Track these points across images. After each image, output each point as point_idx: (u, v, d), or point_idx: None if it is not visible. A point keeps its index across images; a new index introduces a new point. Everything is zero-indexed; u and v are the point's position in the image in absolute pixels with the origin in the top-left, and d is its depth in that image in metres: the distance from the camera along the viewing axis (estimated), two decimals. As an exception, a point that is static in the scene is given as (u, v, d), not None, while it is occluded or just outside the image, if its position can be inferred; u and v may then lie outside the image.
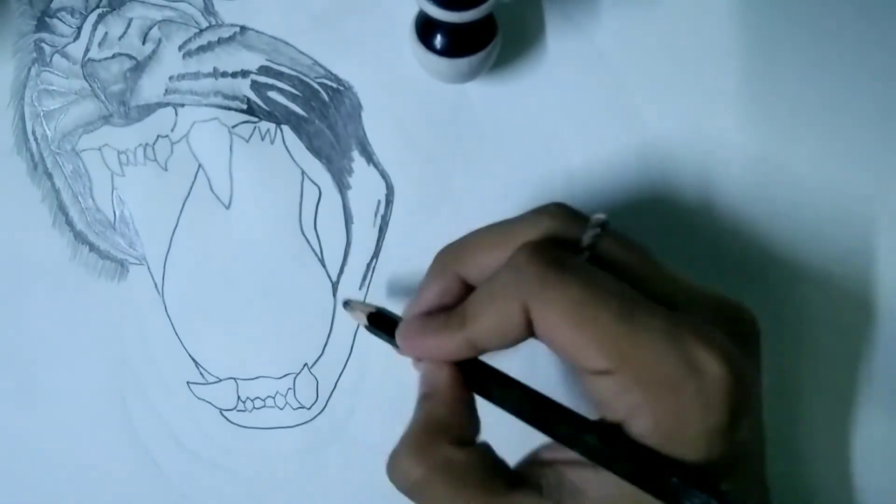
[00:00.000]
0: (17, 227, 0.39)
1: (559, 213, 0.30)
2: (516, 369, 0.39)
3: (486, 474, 0.29)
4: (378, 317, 0.34)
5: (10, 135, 0.39)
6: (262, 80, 0.38)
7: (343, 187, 0.38)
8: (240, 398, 0.39)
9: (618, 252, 0.29)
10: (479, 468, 0.29)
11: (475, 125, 0.38)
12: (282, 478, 0.39)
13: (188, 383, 0.39)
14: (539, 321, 0.27)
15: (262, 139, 0.38)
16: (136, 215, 0.39)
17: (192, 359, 0.39)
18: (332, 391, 0.39)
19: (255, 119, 0.38)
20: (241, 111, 0.38)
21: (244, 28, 0.38)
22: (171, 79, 0.38)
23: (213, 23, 0.38)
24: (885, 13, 0.37)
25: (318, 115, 0.38)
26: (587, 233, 0.29)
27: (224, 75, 0.38)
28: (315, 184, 0.38)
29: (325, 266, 0.38)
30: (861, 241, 0.38)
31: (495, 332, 0.29)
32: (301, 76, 0.38)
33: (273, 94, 0.38)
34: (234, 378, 0.39)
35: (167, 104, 0.38)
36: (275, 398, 0.39)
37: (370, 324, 0.34)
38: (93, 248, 0.39)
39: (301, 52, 0.38)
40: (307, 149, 0.38)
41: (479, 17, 0.32)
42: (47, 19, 0.38)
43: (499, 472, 0.30)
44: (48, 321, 0.39)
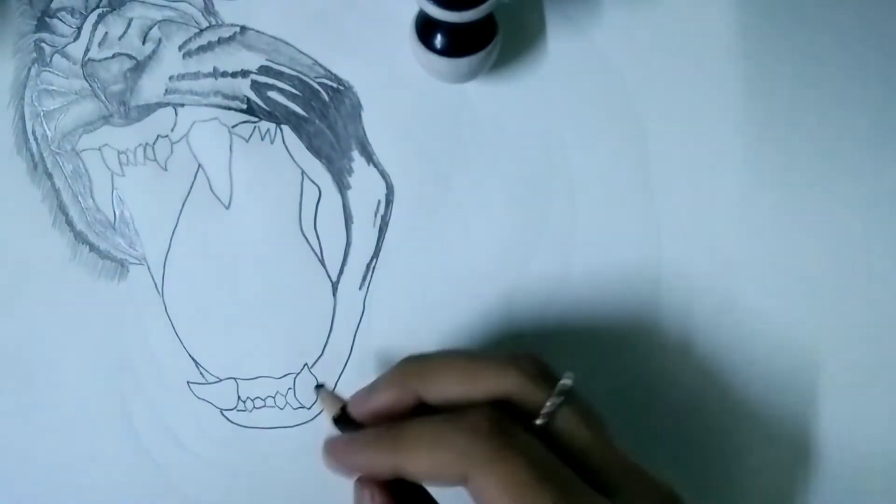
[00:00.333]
0: (17, 227, 0.39)
1: (528, 371, 0.30)
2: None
3: None
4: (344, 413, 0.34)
5: (10, 135, 0.39)
6: (262, 79, 0.38)
7: (343, 187, 0.38)
8: (240, 398, 0.39)
9: (574, 426, 0.30)
10: None
11: (475, 125, 0.38)
12: (282, 477, 0.39)
13: (188, 383, 0.39)
14: (476, 491, 0.28)
15: (262, 139, 0.38)
16: (136, 215, 0.39)
17: (192, 359, 0.39)
18: (333, 391, 0.39)
19: (255, 119, 0.38)
20: (241, 111, 0.38)
21: (244, 28, 0.38)
22: (171, 79, 0.38)
23: (213, 23, 0.38)
24: (884, 13, 0.37)
25: (318, 115, 0.38)
26: (550, 401, 0.29)
27: (224, 75, 0.38)
28: (315, 184, 0.38)
29: (325, 266, 0.38)
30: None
31: (426, 474, 0.29)
32: (301, 76, 0.38)
33: (273, 94, 0.38)
34: (235, 378, 0.39)
35: (167, 104, 0.38)
36: (275, 398, 0.39)
37: (337, 420, 0.34)
38: (93, 248, 0.39)
39: (301, 52, 0.38)
40: (307, 149, 0.38)
41: (479, 17, 0.32)
42: (47, 19, 0.38)
43: None
44: (48, 321, 0.39)
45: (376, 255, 0.38)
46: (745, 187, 0.38)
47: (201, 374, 0.39)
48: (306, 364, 0.39)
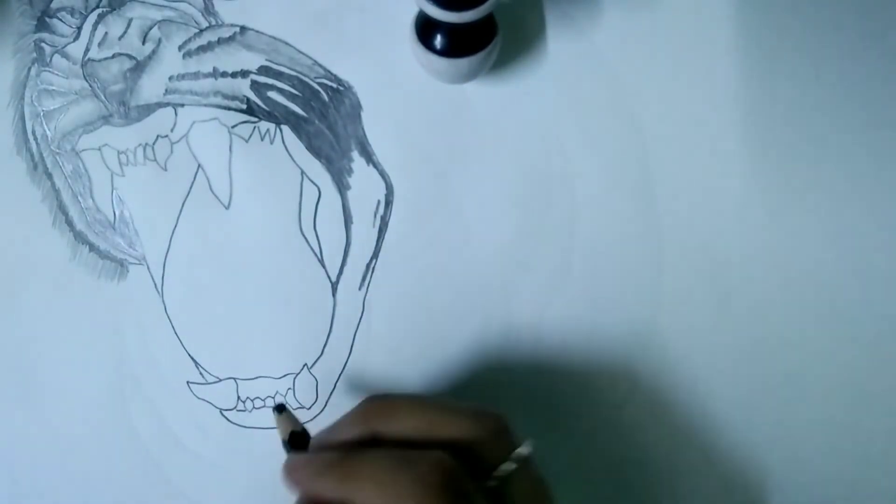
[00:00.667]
0: (17, 227, 0.39)
1: (489, 430, 0.31)
2: (523, 368, 0.39)
3: None
4: (299, 436, 0.35)
5: (10, 135, 0.39)
6: (262, 80, 0.38)
7: (343, 187, 0.38)
8: (240, 398, 0.39)
9: (524, 494, 0.31)
10: None
11: (475, 125, 0.38)
12: (284, 485, 0.39)
13: (188, 383, 0.39)
14: None
15: (262, 139, 0.38)
16: (135, 215, 0.39)
17: (192, 359, 0.39)
18: (332, 391, 0.39)
19: (255, 119, 0.38)
20: (241, 111, 0.38)
21: (244, 28, 0.38)
22: (170, 79, 0.38)
23: (213, 23, 0.38)
24: (884, 13, 0.37)
25: (317, 115, 0.38)
26: (504, 465, 0.31)
27: (224, 75, 0.38)
28: (315, 184, 0.38)
29: (324, 266, 0.38)
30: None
31: None
32: (301, 76, 0.38)
33: (273, 94, 0.38)
34: (234, 378, 0.39)
35: (167, 104, 0.38)
36: (274, 398, 0.39)
37: (289, 441, 0.35)
38: (93, 248, 0.39)
39: (301, 52, 0.38)
40: (307, 149, 0.38)
41: (479, 17, 0.32)
42: (47, 19, 0.38)
43: None
44: (48, 321, 0.39)
45: (376, 255, 0.38)
46: (745, 187, 0.38)
47: (201, 374, 0.39)
48: (306, 364, 0.39)
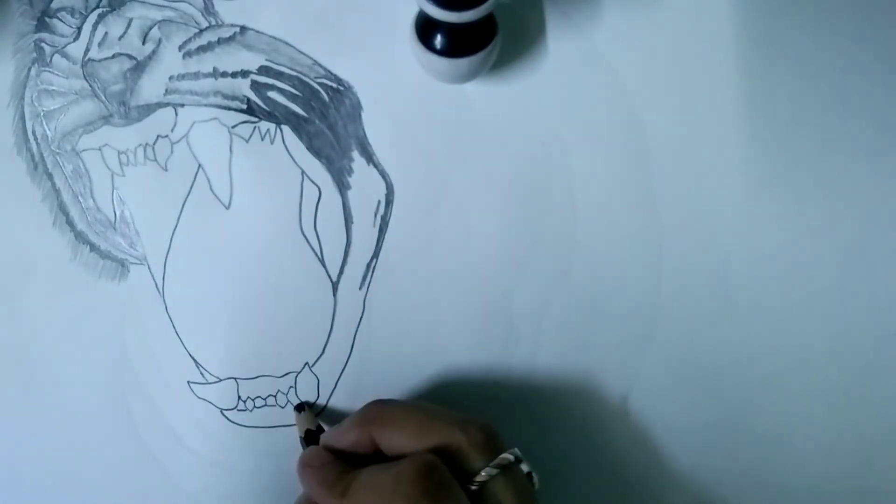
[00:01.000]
0: (17, 227, 0.39)
1: (474, 437, 0.32)
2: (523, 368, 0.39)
3: None
4: (315, 433, 0.37)
5: (10, 135, 0.39)
6: (262, 80, 0.38)
7: (343, 187, 0.38)
8: (240, 397, 0.39)
9: (505, 498, 0.32)
10: None
11: (475, 125, 0.38)
12: (283, 476, 0.39)
13: (189, 383, 0.39)
14: None
15: (262, 139, 0.38)
16: (136, 215, 0.39)
17: (193, 358, 0.39)
18: (333, 390, 0.39)
19: (255, 119, 0.38)
20: (241, 111, 0.38)
21: (244, 28, 0.38)
22: (171, 79, 0.38)
23: (213, 23, 0.38)
24: (883, 13, 0.37)
25: (318, 115, 0.38)
26: (485, 470, 0.32)
27: (224, 75, 0.38)
28: (315, 184, 0.38)
29: (325, 266, 0.38)
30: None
31: None
32: (301, 76, 0.38)
33: (273, 94, 0.38)
34: (235, 377, 0.39)
35: (167, 104, 0.38)
36: (276, 397, 0.39)
37: (305, 437, 0.37)
38: (93, 247, 0.39)
39: (301, 52, 0.38)
40: (307, 149, 0.38)
41: (479, 17, 0.32)
42: (47, 19, 0.38)
43: None
44: (49, 321, 0.39)
45: (376, 254, 0.38)
46: (745, 187, 0.38)
47: (201, 373, 0.39)
48: (307, 363, 0.39)
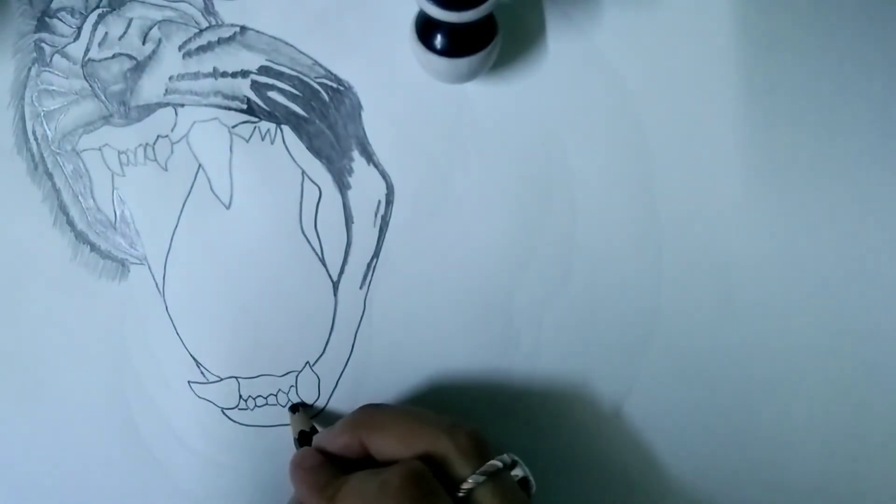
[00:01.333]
0: (17, 227, 0.39)
1: (461, 444, 0.32)
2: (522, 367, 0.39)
3: None
4: (309, 434, 0.37)
5: (10, 135, 0.39)
6: (262, 80, 0.38)
7: (343, 187, 0.38)
8: (241, 397, 0.39)
9: (490, 502, 0.31)
10: None
11: (475, 125, 0.38)
12: (284, 475, 0.39)
13: (189, 382, 0.39)
14: None
15: (262, 139, 0.38)
16: (136, 215, 0.39)
17: (193, 358, 0.39)
18: (334, 389, 0.39)
19: (255, 119, 0.38)
20: (241, 111, 0.38)
21: (244, 28, 0.38)
22: (171, 79, 0.38)
23: (213, 23, 0.38)
24: (883, 13, 0.37)
25: (318, 115, 0.38)
26: (472, 477, 0.32)
27: (224, 75, 0.38)
28: (315, 184, 0.38)
29: (325, 265, 0.38)
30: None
31: None
32: (301, 76, 0.38)
33: (273, 94, 0.38)
34: (236, 377, 0.39)
35: (167, 104, 0.38)
36: (277, 396, 0.39)
37: (299, 438, 0.38)
38: (94, 248, 0.39)
39: (301, 52, 0.38)
40: (307, 149, 0.38)
41: (479, 17, 0.32)
42: (47, 19, 0.38)
43: None
44: (49, 321, 0.39)
45: (377, 254, 0.38)
46: (745, 187, 0.38)
47: (202, 373, 0.39)
48: (308, 362, 0.39)
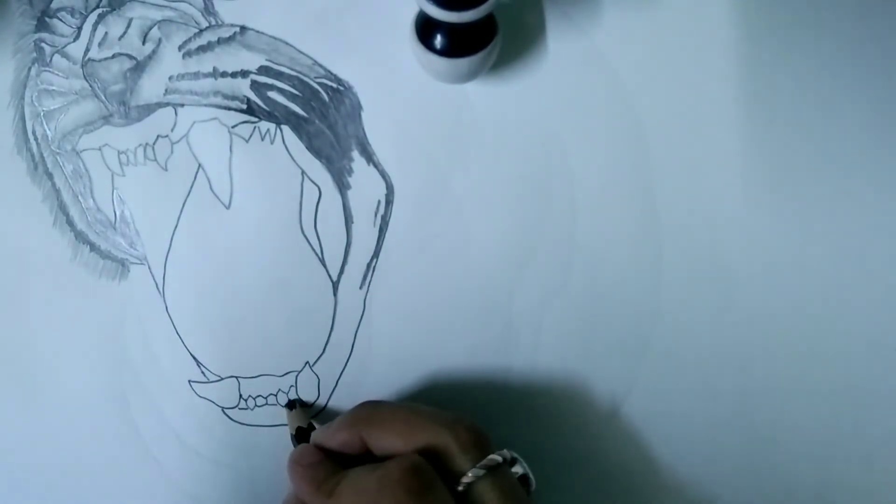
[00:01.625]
0: (17, 227, 0.39)
1: (461, 438, 0.32)
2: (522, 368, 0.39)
3: None
4: (306, 431, 0.38)
5: (10, 135, 0.39)
6: (262, 80, 0.38)
7: (343, 187, 0.38)
8: (241, 396, 0.39)
9: (489, 497, 0.31)
10: None
11: (475, 125, 0.38)
12: (284, 475, 0.39)
13: (189, 382, 0.39)
14: None
15: (262, 139, 0.38)
16: (136, 215, 0.39)
17: (194, 357, 0.39)
18: (334, 388, 0.39)
19: (255, 119, 0.38)
20: (241, 111, 0.38)
21: (244, 28, 0.38)
22: (170, 79, 0.38)
23: (213, 23, 0.38)
24: (883, 13, 0.37)
25: (318, 115, 0.38)
26: (471, 472, 0.32)
27: (224, 75, 0.38)
28: (315, 184, 0.38)
29: (325, 266, 0.39)
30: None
31: None
32: (301, 76, 0.38)
33: (273, 94, 0.38)
34: (236, 377, 0.39)
35: (167, 104, 0.38)
36: (277, 396, 0.39)
37: (297, 434, 0.38)
38: (93, 247, 0.39)
39: (301, 52, 0.38)
40: (307, 149, 0.38)
41: (479, 17, 0.32)
42: (47, 19, 0.38)
43: None
44: (49, 321, 0.39)
45: (376, 254, 0.38)
46: (745, 187, 0.38)
47: (202, 372, 0.39)
48: (308, 362, 0.39)
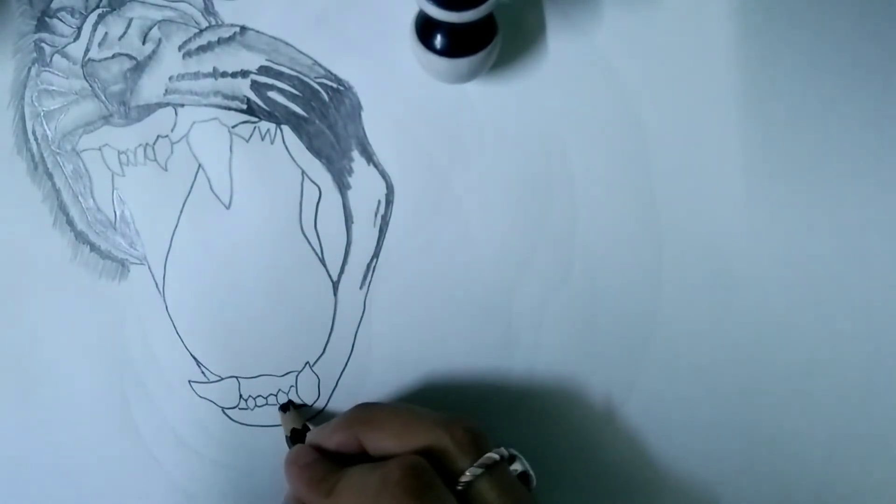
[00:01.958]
0: (17, 228, 0.39)
1: (458, 438, 0.32)
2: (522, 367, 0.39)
3: None
4: (301, 432, 0.38)
5: (10, 135, 0.39)
6: (262, 80, 0.38)
7: (343, 187, 0.38)
8: (241, 396, 0.39)
9: (491, 497, 0.31)
10: None
11: (475, 125, 0.38)
12: (283, 475, 0.39)
13: (190, 382, 0.39)
14: None
15: (262, 139, 0.38)
16: (136, 215, 0.39)
17: (194, 357, 0.39)
18: (334, 389, 0.39)
19: (255, 119, 0.38)
20: (241, 111, 0.38)
21: (244, 28, 0.38)
22: (171, 79, 0.38)
23: (213, 23, 0.38)
24: (883, 13, 0.37)
25: (318, 115, 0.38)
26: (470, 470, 0.32)
27: (224, 75, 0.38)
28: (315, 184, 0.38)
29: (325, 266, 0.39)
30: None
31: None
32: (301, 76, 0.38)
33: (273, 94, 0.38)
34: (236, 377, 0.39)
35: (167, 104, 0.38)
36: (277, 396, 0.39)
37: (291, 435, 0.38)
38: (94, 248, 0.39)
39: (301, 52, 0.38)
40: (307, 149, 0.38)
41: (479, 17, 0.32)
42: (47, 19, 0.38)
43: None
44: (49, 321, 0.39)
45: (377, 254, 0.38)
46: (745, 187, 0.38)
47: (202, 372, 0.39)
48: (308, 362, 0.39)
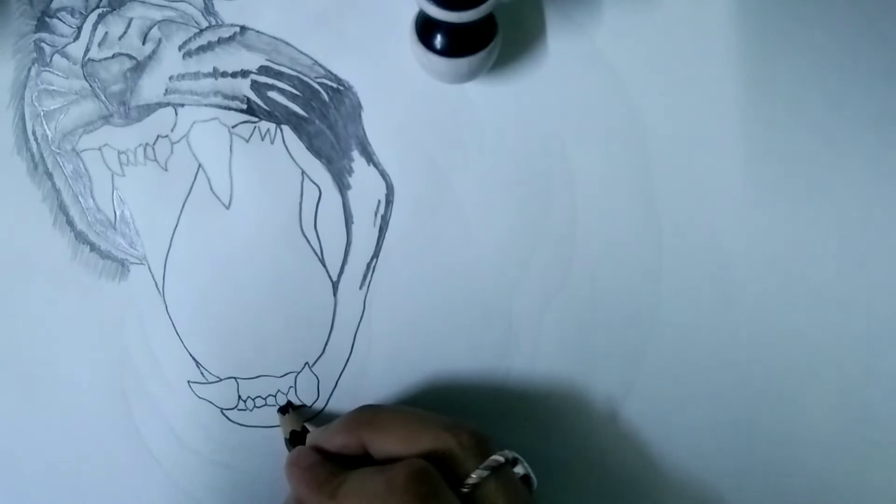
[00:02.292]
0: (17, 227, 0.39)
1: (464, 442, 0.32)
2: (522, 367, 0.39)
3: None
4: (300, 434, 0.37)
5: (10, 135, 0.39)
6: (262, 80, 0.38)
7: (343, 187, 0.38)
8: (241, 397, 0.39)
9: (496, 497, 0.32)
10: None
11: (475, 125, 0.38)
12: (283, 476, 0.39)
13: (189, 382, 0.39)
14: None
15: (262, 139, 0.38)
16: (136, 215, 0.39)
17: (193, 358, 0.39)
18: (333, 389, 0.39)
19: (255, 119, 0.38)
20: (241, 111, 0.38)
21: (244, 28, 0.38)
22: (171, 79, 0.38)
23: (213, 23, 0.38)
24: (882, 13, 0.37)
25: (318, 115, 0.38)
26: (475, 473, 0.32)
27: (224, 75, 0.38)
28: (315, 184, 0.38)
29: (325, 266, 0.38)
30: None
31: None
32: (301, 76, 0.38)
33: (273, 94, 0.38)
34: (235, 377, 0.39)
35: (167, 104, 0.38)
36: (276, 396, 0.39)
37: (291, 438, 0.38)
38: (93, 247, 0.39)
39: (301, 52, 0.38)
40: (307, 149, 0.38)
41: (479, 17, 0.32)
42: (47, 19, 0.38)
43: None
44: (49, 321, 0.39)
45: (376, 254, 0.38)
46: (745, 187, 0.38)
47: (202, 373, 0.39)
48: (307, 363, 0.39)
